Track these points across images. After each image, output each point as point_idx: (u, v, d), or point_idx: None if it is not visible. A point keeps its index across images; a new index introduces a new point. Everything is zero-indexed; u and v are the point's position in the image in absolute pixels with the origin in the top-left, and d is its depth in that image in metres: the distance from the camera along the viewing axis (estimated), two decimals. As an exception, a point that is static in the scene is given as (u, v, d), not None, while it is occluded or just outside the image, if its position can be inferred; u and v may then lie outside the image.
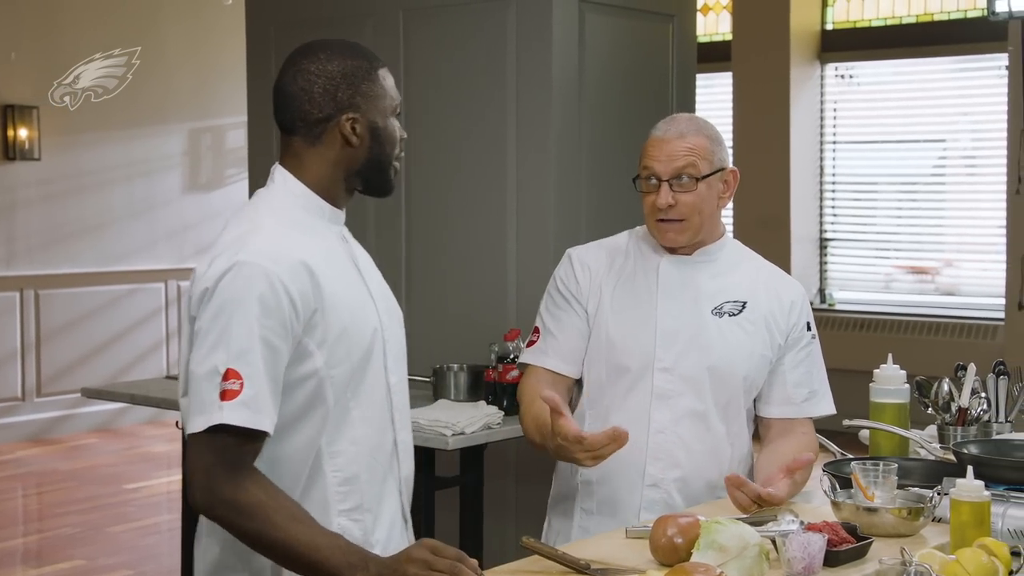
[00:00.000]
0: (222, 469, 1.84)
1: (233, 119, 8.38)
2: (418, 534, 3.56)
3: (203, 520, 2.00)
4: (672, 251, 2.53)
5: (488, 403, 3.68)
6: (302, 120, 2.00)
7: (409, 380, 4.17)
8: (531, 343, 2.58)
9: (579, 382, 2.58)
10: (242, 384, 1.84)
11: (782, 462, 2.37)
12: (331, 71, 1.99)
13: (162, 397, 4.10)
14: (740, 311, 2.52)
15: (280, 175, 2.03)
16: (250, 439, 1.86)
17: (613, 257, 2.56)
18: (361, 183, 2.06)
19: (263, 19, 4.84)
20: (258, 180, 4.97)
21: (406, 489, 2.12)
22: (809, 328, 2.58)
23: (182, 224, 8.36)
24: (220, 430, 1.84)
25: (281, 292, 1.88)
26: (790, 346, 2.55)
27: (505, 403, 3.63)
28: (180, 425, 2.03)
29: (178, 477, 4.47)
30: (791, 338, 2.55)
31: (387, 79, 2.05)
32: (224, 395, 1.84)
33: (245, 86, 5.02)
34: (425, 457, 3.63)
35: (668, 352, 2.47)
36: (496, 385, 3.70)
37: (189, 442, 1.89)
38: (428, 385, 3.90)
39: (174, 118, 8.29)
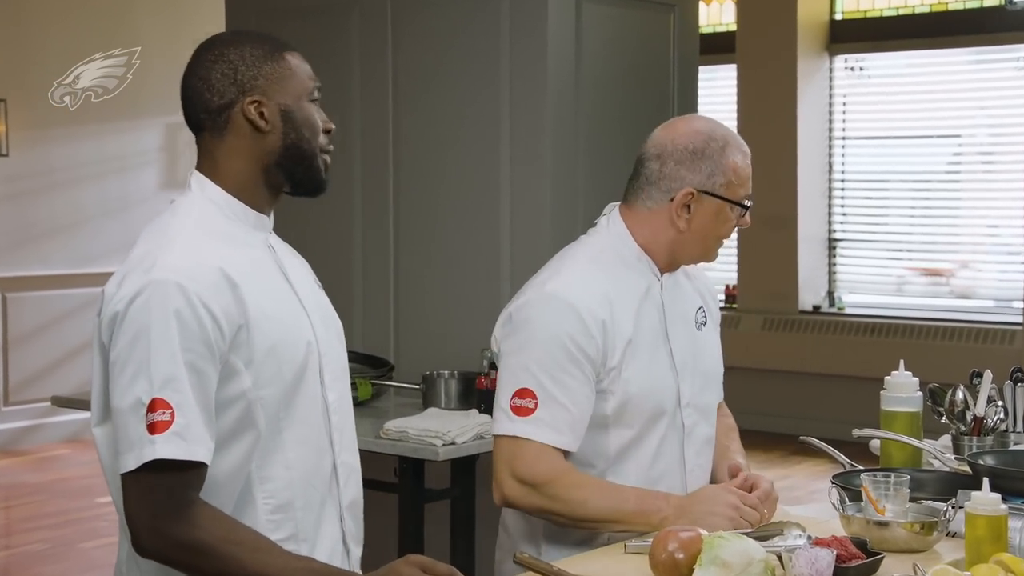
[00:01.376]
0: (167, 509, 1.79)
1: (212, 113, 8.36)
2: (406, 550, 3.58)
3: (125, 558, 1.94)
4: (664, 270, 2.44)
5: (480, 411, 3.68)
6: (205, 111, 1.95)
7: (398, 388, 4.21)
8: (524, 411, 2.29)
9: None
10: (172, 414, 1.78)
11: (725, 454, 2.51)
12: (230, 56, 1.94)
13: (137, 406, 4.10)
14: (706, 318, 2.53)
15: (197, 182, 1.97)
16: (189, 471, 1.80)
17: (615, 295, 2.37)
18: (284, 177, 1.97)
19: (244, 7, 4.84)
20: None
21: (349, 516, 2.04)
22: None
23: (158, 224, 8.35)
24: (155, 466, 1.78)
25: (201, 310, 1.81)
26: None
27: (498, 412, 3.63)
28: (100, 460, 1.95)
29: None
30: (717, 324, 2.60)
31: (296, 61, 1.98)
32: (153, 427, 1.77)
33: (225, 78, 5.01)
34: (414, 468, 3.63)
35: (687, 385, 2.43)
36: (488, 393, 3.69)
37: (123, 483, 1.82)
38: (418, 393, 3.91)
39: (150, 112, 8.27)
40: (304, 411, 1.95)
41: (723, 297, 8.13)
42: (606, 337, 2.31)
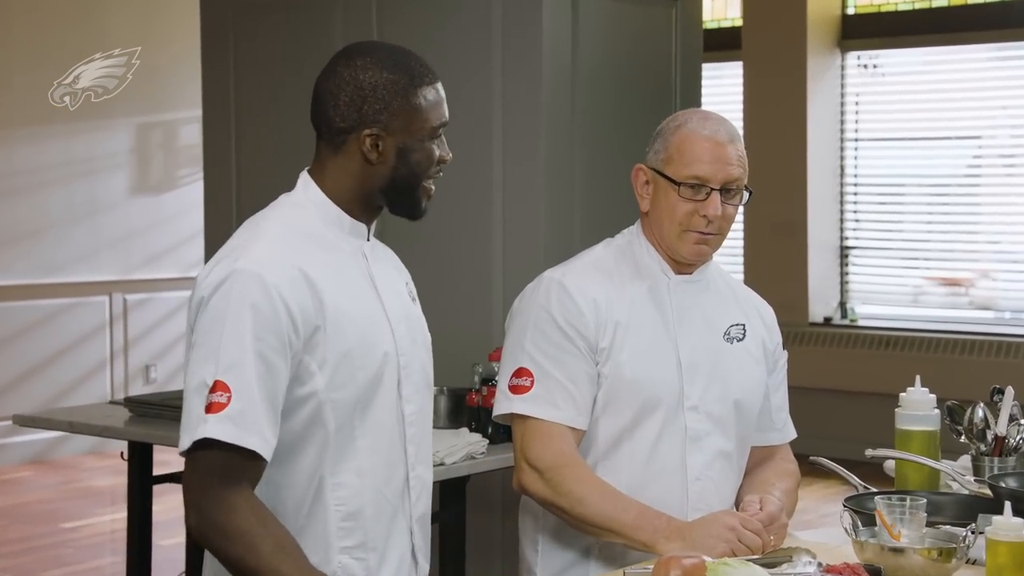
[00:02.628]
0: (213, 489, 1.91)
1: (186, 113, 8.37)
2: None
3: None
4: (678, 271, 2.52)
5: (471, 430, 3.68)
6: (326, 125, 2.10)
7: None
8: (522, 389, 2.44)
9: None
10: (229, 397, 1.90)
11: (767, 490, 2.46)
12: (363, 81, 2.07)
13: (105, 425, 4.09)
14: (744, 335, 2.57)
15: (303, 182, 2.13)
16: (243, 459, 1.91)
17: (610, 280, 2.49)
18: (385, 202, 2.14)
19: (220, 0, 4.84)
20: (214, 181, 4.99)
21: (419, 528, 2.16)
22: (784, 348, 2.69)
23: (128, 230, 8.34)
24: (209, 446, 1.90)
25: (279, 304, 1.95)
26: (772, 368, 2.63)
27: (490, 430, 3.63)
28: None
29: (122, 515, 4.46)
30: (774, 360, 2.63)
31: (429, 97, 2.12)
32: (210, 408, 1.90)
33: (200, 76, 5.02)
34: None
35: (694, 387, 2.47)
36: (480, 410, 3.70)
37: (184, 463, 1.96)
38: (403, 411, 3.90)
39: (119, 112, 8.27)
40: (379, 420, 2.07)
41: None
42: (599, 314, 2.43)
